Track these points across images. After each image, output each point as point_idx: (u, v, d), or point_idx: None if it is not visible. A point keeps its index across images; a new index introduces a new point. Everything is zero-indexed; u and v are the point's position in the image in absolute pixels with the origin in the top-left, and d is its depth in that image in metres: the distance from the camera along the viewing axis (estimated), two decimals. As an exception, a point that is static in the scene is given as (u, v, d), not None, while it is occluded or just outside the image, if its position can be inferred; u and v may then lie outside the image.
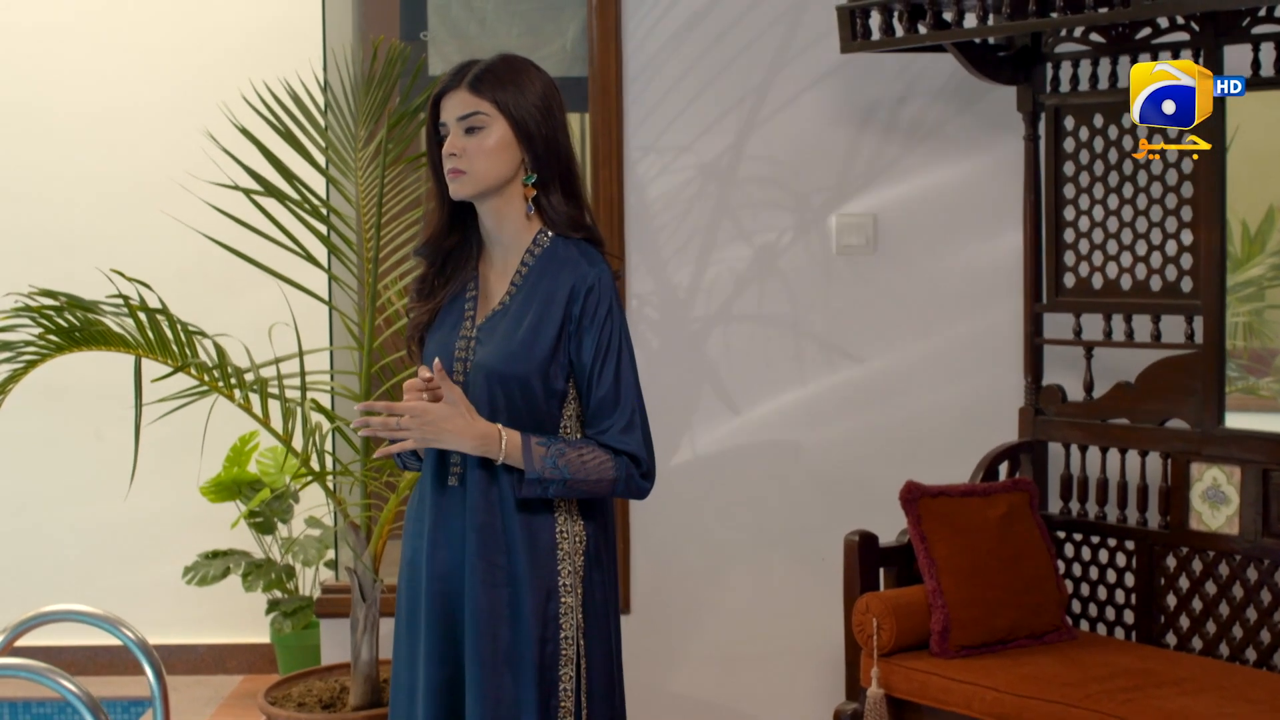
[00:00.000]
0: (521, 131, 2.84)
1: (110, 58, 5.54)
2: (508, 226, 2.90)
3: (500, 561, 2.81)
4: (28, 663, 2.66)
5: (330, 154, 4.38)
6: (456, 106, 2.84)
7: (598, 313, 2.81)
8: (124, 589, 5.47)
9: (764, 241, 4.68)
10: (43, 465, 5.64)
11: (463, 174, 2.83)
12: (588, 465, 2.79)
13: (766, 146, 4.67)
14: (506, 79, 2.84)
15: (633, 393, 2.83)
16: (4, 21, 5.58)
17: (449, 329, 2.93)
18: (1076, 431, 4.26)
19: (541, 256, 2.87)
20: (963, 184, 4.66)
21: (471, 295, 2.94)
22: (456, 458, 2.86)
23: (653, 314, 4.71)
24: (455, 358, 2.88)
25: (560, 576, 2.82)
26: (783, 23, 4.64)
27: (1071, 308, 4.27)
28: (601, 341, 2.81)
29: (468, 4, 4.84)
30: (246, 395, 4.04)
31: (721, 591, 4.77)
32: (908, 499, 3.98)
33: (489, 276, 2.94)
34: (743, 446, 4.74)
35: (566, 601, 2.82)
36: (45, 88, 5.56)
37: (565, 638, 2.82)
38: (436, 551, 2.88)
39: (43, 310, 3.83)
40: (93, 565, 5.60)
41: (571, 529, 2.85)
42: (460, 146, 2.83)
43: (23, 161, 5.58)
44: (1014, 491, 4.12)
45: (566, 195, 2.89)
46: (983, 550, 3.97)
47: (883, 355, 4.71)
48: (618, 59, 4.63)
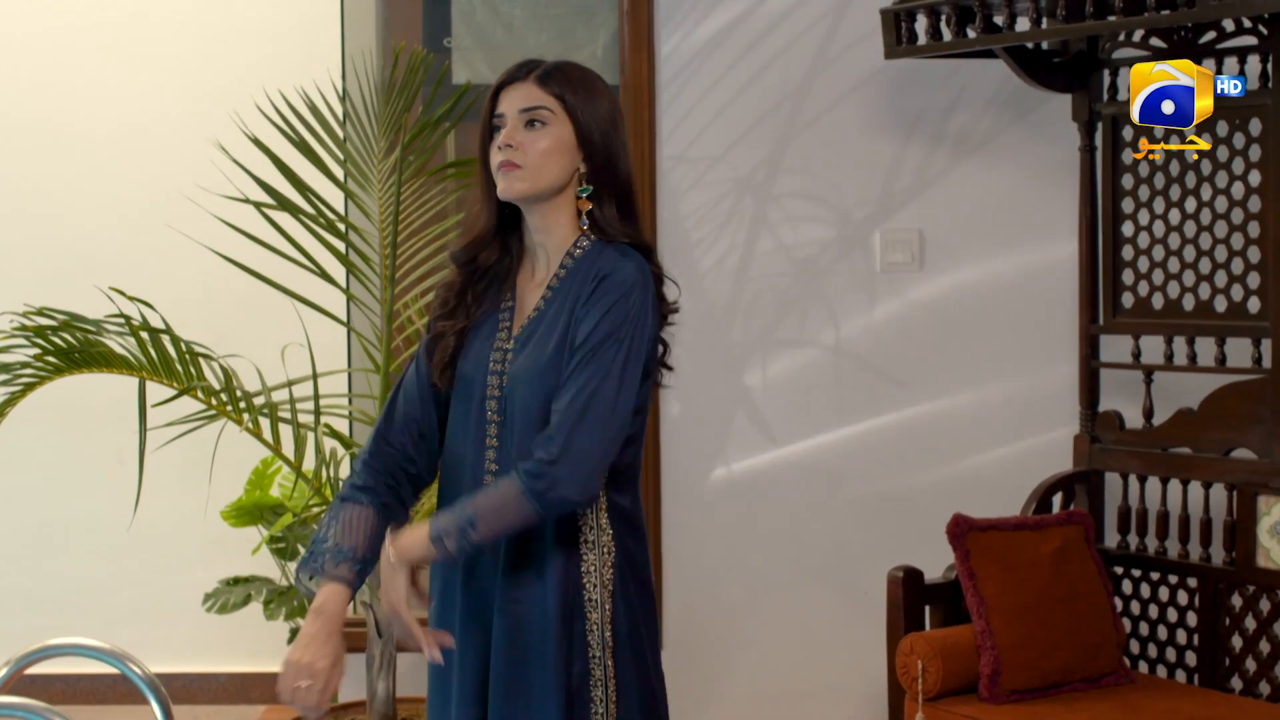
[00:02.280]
0: (584, 137, 2.68)
1: (124, 70, 5.48)
2: (553, 237, 2.73)
3: (527, 579, 2.66)
4: (27, 702, 2.58)
5: (349, 167, 4.28)
6: (520, 98, 2.69)
7: (608, 295, 2.60)
8: (144, 615, 5.44)
9: (803, 257, 4.63)
10: (63, 488, 5.57)
11: (517, 168, 2.65)
12: (490, 493, 2.59)
13: (805, 158, 4.62)
14: (576, 81, 2.70)
15: (604, 412, 2.57)
16: (15, 34, 5.52)
17: (483, 341, 2.74)
18: (1135, 461, 4.15)
19: (580, 259, 2.71)
20: (1014, 198, 4.60)
21: (507, 307, 2.77)
22: (493, 466, 2.68)
23: (687, 335, 4.55)
24: (491, 371, 2.70)
25: (585, 591, 2.66)
26: (822, 26, 4.58)
27: (1130, 329, 4.17)
28: (600, 330, 2.59)
29: (494, 9, 4.81)
30: (256, 419, 3.95)
31: (759, 625, 4.71)
32: (955, 533, 3.88)
33: (525, 287, 2.78)
34: (781, 473, 4.68)
35: (592, 618, 2.66)
36: (60, 102, 5.51)
37: (594, 657, 2.66)
38: (471, 576, 2.70)
39: (39, 330, 3.72)
40: (112, 590, 5.53)
41: (600, 539, 2.68)
42: (518, 140, 2.66)
43: (35, 177, 5.51)
44: (1068, 525, 4.01)
45: (623, 215, 2.72)
46: (1035, 588, 3.87)
47: (928, 379, 4.64)
48: (650, 66, 4.57)
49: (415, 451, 2.75)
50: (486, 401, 2.69)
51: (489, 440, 2.68)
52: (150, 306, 3.85)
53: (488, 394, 2.70)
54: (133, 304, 3.82)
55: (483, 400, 2.69)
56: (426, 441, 2.76)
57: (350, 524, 2.65)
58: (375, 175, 4.25)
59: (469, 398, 2.71)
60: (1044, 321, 4.58)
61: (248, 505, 5.21)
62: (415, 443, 2.74)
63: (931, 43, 4.06)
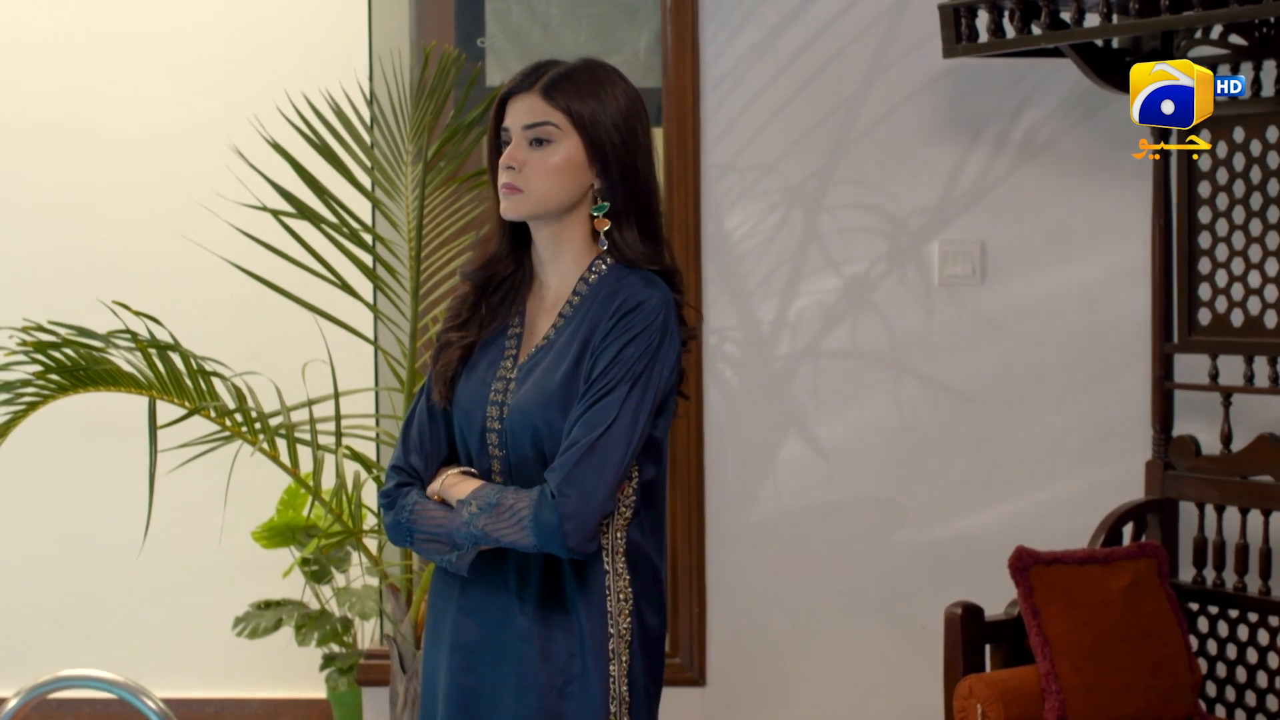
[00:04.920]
0: (596, 152, 2.56)
1: (151, 80, 5.52)
2: (564, 257, 2.63)
3: (556, 625, 2.56)
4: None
5: (376, 174, 4.16)
6: (524, 112, 2.56)
7: (629, 330, 2.49)
8: (173, 637, 5.51)
9: (854, 272, 4.55)
10: (92, 505, 5.60)
11: (518, 191, 2.55)
12: (510, 503, 2.51)
13: (859, 165, 4.53)
14: (586, 88, 2.56)
15: (614, 453, 2.47)
16: (33, 43, 5.56)
17: (485, 369, 2.64)
18: (1212, 489, 4.03)
19: (596, 284, 2.59)
20: (1082, 206, 4.50)
21: (515, 332, 2.66)
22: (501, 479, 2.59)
23: (733, 350, 4.56)
24: (491, 401, 2.60)
25: (609, 641, 2.57)
26: (879, 26, 4.48)
27: (1207, 348, 4.07)
28: (617, 366, 2.48)
29: (530, 8, 4.74)
30: (272, 440, 3.82)
31: (808, 662, 4.63)
32: (1018, 567, 3.77)
33: (535, 311, 2.67)
34: (833, 499, 4.60)
35: (610, 671, 2.57)
36: (87, 110, 5.54)
37: (612, 714, 2.57)
38: (463, 619, 2.62)
39: (39, 345, 3.59)
40: (141, 612, 5.58)
41: (616, 585, 2.57)
42: (521, 159, 2.55)
43: (62, 188, 5.55)
44: (1140, 558, 3.92)
45: (644, 233, 2.60)
46: (1104, 626, 3.77)
47: (990, 400, 4.55)
48: (694, 68, 4.48)
49: (430, 478, 2.66)
50: (487, 435, 2.59)
51: (494, 477, 2.60)
52: (157, 321, 3.72)
53: (487, 425, 2.60)
54: (139, 319, 3.70)
55: (483, 432, 2.60)
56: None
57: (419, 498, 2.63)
58: (404, 183, 4.14)
59: (469, 428, 2.62)
60: (1114, 339, 4.50)
61: (279, 526, 5.22)
62: (430, 470, 2.67)
63: (994, 40, 3.95)
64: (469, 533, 2.49)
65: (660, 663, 2.65)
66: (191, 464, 3.87)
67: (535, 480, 2.50)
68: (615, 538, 2.55)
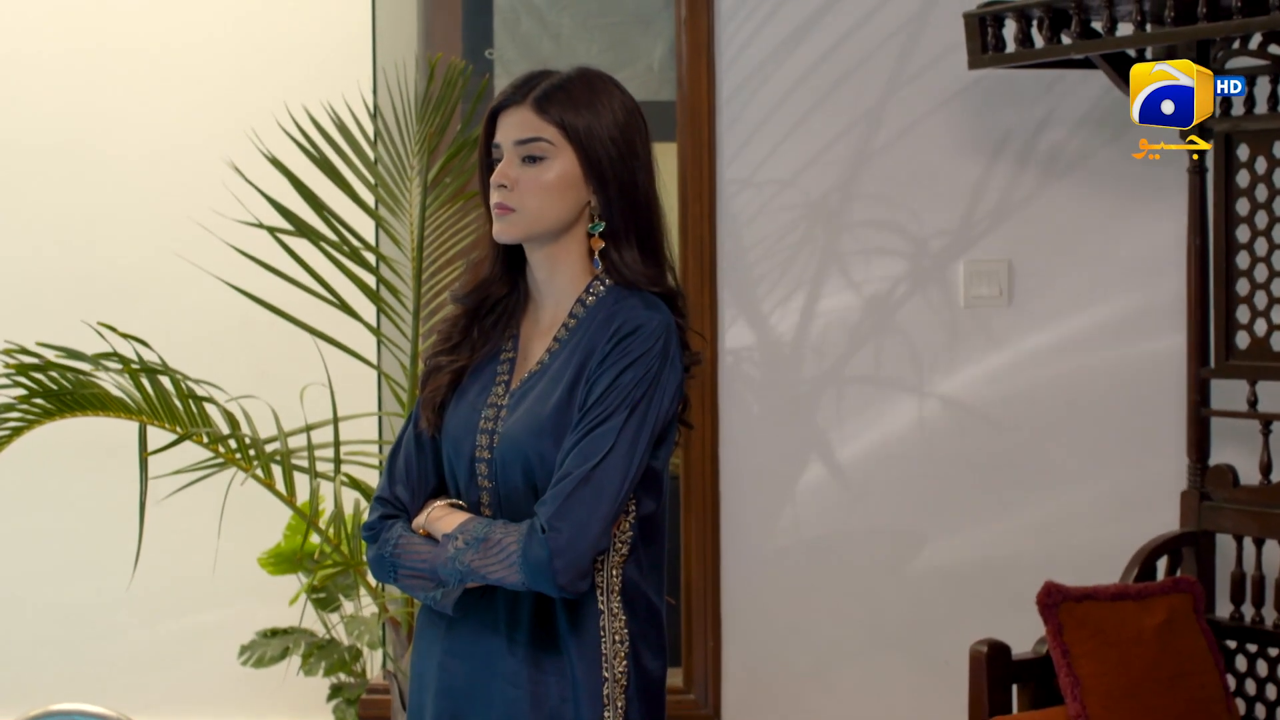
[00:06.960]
0: (592, 168, 2.46)
1: (152, 96, 5.42)
2: (560, 279, 2.53)
3: (547, 669, 2.47)
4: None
5: (380, 191, 4.08)
6: (515, 127, 2.46)
7: (627, 355, 2.39)
8: (178, 667, 5.44)
9: (875, 292, 4.50)
10: (97, 531, 5.46)
11: (510, 211, 2.46)
12: (498, 537, 2.40)
13: (881, 181, 4.48)
14: (581, 99, 2.46)
15: (609, 485, 2.36)
16: (32, 60, 5.47)
17: (476, 395, 2.54)
18: (1251, 521, 3.96)
19: (593, 307, 2.50)
20: (1113, 224, 4.44)
21: (508, 357, 2.56)
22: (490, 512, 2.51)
23: (751, 371, 4.51)
24: (481, 429, 2.50)
25: (604, 686, 2.48)
26: (901, 36, 4.44)
27: (1245, 373, 4.01)
28: (614, 393, 2.38)
29: (540, 19, 4.71)
30: (267, 467, 3.73)
31: (828, 699, 4.57)
32: (1047, 603, 3.69)
33: (530, 334, 2.58)
34: (856, 529, 4.54)
35: (606, 718, 2.48)
36: (89, 126, 5.46)
37: None
38: (450, 661, 2.53)
39: (23, 369, 3.51)
40: (144, 639, 5.50)
41: (611, 625, 2.48)
42: (513, 177, 2.45)
43: (63, 206, 5.47)
44: (1175, 593, 3.84)
45: (645, 252, 2.51)
46: (1137, 666, 3.69)
47: (1017, 427, 4.49)
48: (710, 80, 4.44)
49: (416, 510, 2.57)
50: (476, 465, 2.49)
51: (483, 510, 2.50)
52: (144, 343, 3.64)
53: (476, 455, 2.50)
54: (126, 341, 3.63)
55: (472, 462, 2.50)
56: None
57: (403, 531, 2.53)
58: (408, 199, 4.07)
59: (458, 457, 2.52)
60: (1147, 363, 4.45)
61: (286, 552, 5.06)
62: (416, 501, 2.59)
63: (1021, 50, 3.91)
64: (454, 569, 2.39)
65: (661, 709, 2.56)
66: (198, 489, 3.80)
67: (526, 514, 2.40)
68: (610, 575, 2.46)
